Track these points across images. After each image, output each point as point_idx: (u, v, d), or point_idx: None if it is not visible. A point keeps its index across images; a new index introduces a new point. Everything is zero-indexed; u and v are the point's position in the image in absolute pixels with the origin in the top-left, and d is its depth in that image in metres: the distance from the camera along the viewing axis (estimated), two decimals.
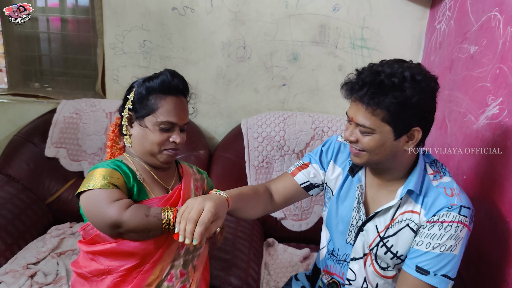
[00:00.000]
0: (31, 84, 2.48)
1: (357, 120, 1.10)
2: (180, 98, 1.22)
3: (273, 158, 2.10)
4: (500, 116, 1.35)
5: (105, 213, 1.07)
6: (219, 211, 1.02)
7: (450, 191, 1.13)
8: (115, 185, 1.12)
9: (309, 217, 2.07)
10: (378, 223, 1.20)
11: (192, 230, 0.96)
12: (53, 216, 2.07)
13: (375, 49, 2.20)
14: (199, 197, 1.03)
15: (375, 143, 1.09)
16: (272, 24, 2.19)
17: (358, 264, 1.25)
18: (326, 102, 2.31)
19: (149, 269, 1.14)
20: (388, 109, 1.05)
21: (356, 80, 1.11)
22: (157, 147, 1.19)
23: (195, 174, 1.36)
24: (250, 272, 1.60)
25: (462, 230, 1.09)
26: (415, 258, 1.12)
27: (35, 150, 2.13)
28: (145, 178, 1.22)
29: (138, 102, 1.19)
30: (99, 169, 1.15)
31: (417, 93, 1.04)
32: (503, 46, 1.37)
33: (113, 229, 1.08)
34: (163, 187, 1.25)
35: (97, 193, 1.10)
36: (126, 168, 1.19)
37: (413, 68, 1.08)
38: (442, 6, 1.98)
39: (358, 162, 1.17)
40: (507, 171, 1.29)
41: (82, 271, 1.18)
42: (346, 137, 1.16)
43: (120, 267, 1.13)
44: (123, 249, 1.12)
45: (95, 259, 1.16)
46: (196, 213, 0.97)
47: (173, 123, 1.19)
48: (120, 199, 1.10)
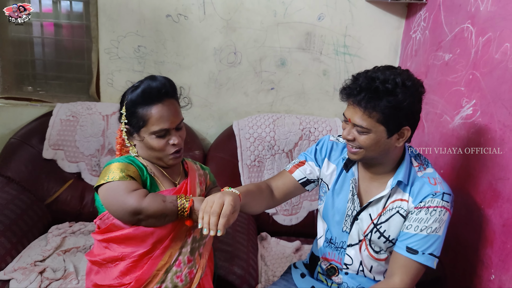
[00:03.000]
0: (24, 88, 2.51)
1: (354, 121, 1.24)
2: (166, 102, 1.25)
3: (265, 157, 2.23)
4: (473, 116, 1.53)
5: (125, 201, 1.17)
6: (236, 204, 1.14)
7: (434, 180, 1.30)
8: (132, 177, 1.23)
9: (298, 212, 2.21)
10: (371, 212, 1.36)
11: (216, 222, 1.07)
12: (52, 216, 2.12)
13: (357, 56, 2.37)
14: (218, 193, 1.14)
15: (371, 141, 1.24)
16: (262, 31, 2.32)
17: (354, 250, 1.40)
18: (312, 105, 2.46)
19: (159, 255, 1.25)
20: (382, 111, 1.20)
21: (353, 85, 1.25)
22: (159, 152, 1.28)
23: (199, 170, 1.46)
24: (250, 263, 1.72)
25: (445, 214, 1.26)
26: (405, 240, 1.28)
27: (32, 152, 2.17)
28: (155, 173, 1.32)
29: (129, 116, 1.26)
30: (115, 163, 1.25)
31: (408, 97, 1.19)
32: (475, 55, 1.56)
33: (134, 216, 1.18)
34: (171, 181, 1.35)
35: (116, 184, 1.20)
36: (139, 163, 1.29)
37: (403, 74, 1.24)
38: (417, 17, 2.17)
39: (355, 158, 1.32)
40: (480, 165, 1.47)
41: (97, 259, 1.27)
42: (344, 136, 1.30)
43: (133, 253, 1.23)
44: (137, 234, 1.21)
45: (109, 247, 1.26)
46: (218, 206, 1.08)
47: (167, 129, 1.25)
48: (137, 189, 1.20)
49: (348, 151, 1.34)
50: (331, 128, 2.28)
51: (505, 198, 1.32)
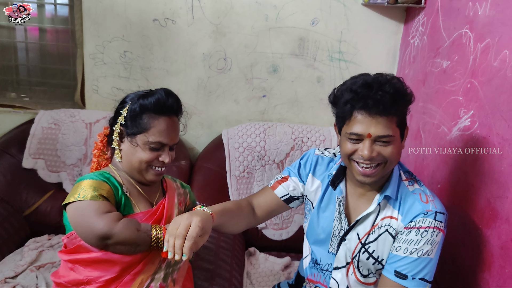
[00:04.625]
0: (7, 94, 2.42)
1: (377, 133, 1.10)
2: (173, 119, 1.23)
3: (254, 168, 2.12)
4: (471, 128, 1.42)
5: (94, 224, 1.07)
6: (205, 225, 1.04)
7: (425, 198, 1.19)
8: (105, 197, 1.13)
9: (289, 226, 2.10)
10: (359, 231, 1.24)
11: (181, 245, 0.98)
12: (30, 229, 2.03)
13: (352, 62, 2.27)
14: (186, 214, 1.05)
15: (396, 149, 1.14)
16: (253, 36, 2.23)
17: (341, 273, 1.29)
18: (305, 113, 2.36)
19: (128, 281, 1.15)
20: (398, 114, 1.13)
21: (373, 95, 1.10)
22: (144, 164, 1.21)
23: (179, 189, 1.37)
24: (233, 282, 1.61)
25: (438, 234, 1.14)
26: (394, 263, 1.17)
27: (12, 161, 2.09)
28: (131, 191, 1.23)
29: (130, 119, 1.20)
30: (88, 180, 1.15)
31: (411, 96, 1.15)
32: (473, 62, 1.45)
33: (101, 241, 1.08)
34: (147, 201, 1.26)
35: (86, 204, 1.10)
36: (114, 180, 1.20)
37: (392, 77, 1.16)
38: (415, 22, 2.07)
39: (371, 181, 1.17)
40: (479, 181, 1.35)
41: (61, 280, 1.17)
42: (367, 156, 1.12)
43: (99, 278, 1.13)
44: (106, 258, 1.12)
45: (74, 268, 1.16)
46: (184, 228, 0.99)
47: (164, 144, 1.20)
48: (110, 212, 1.11)
49: (361, 174, 1.17)
50: (325, 138, 2.18)
51: (503, 218, 1.21)
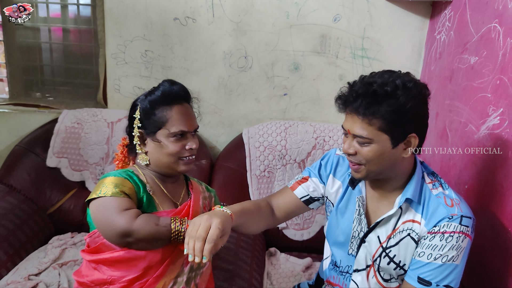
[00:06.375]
0: (32, 94, 2.48)
1: (354, 131, 1.10)
2: (185, 105, 1.22)
3: (275, 168, 2.10)
4: (501, 126, 1.36)
5: (114, 221, 1.07)
6: (225, 227, 1.02)
7: (450, 201, 1.14)
8: (126, 194, 1.13)
9: (311, 226, 2.07)
10: (380, 234, 1.21)
11: (201, 248, 0.96)
12: (54, 226, 2.07)
13: (376, 59, 2.21)
14: (205, 215, 1.03)
15: (374, 153, 1.10)
16: (273, 34, 2.20)
17: (361, 276, 1.25)
18: (327, 112, 2.31)
19: (151, 283, 1.14)
20: (383, 117, 1.06)
21: (349, 92, 1.12)
22: (174, 157, 1.19)
23: (204, 192, 1.35)
24: (253, 282, 1.60)
25: (464, 240, 1.09)
26: (417, 269, 1.13)
27: (36, 160, 2.13)
28: (154, 191, 1.22)
29: (145, 118, 1.19)
30: (110, 177, 1.15)
31: (410, 99, 1.05)
32: (503, 57, 1.38)
33: (122, 238, 1.08)
34: (171, 201, 1.25)
35: (108, 201, 1.10)
36: (137, 179, 1.19)
37: (403, 76, 1.10)
38: (442, 17, 2.00)
39: (359, 177, 1.17)
40: (508, 182, 1.29)
41: (84, 280, 1.17)
42: (344, 150, 1.16)
43: (122, 278, 1.13)
44: (129, 257, 1.12)
45: (97, 268, 1.16)
46: (204, 230, 0.98)
47: (185, 131, 1.19)
48: (130, 209, 1.10)
49: (351, 169, 1.19)
50: None
51: None
